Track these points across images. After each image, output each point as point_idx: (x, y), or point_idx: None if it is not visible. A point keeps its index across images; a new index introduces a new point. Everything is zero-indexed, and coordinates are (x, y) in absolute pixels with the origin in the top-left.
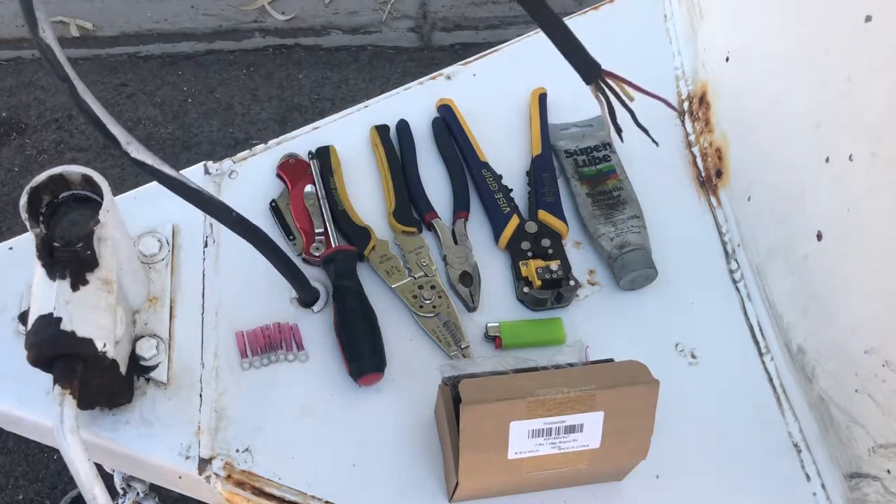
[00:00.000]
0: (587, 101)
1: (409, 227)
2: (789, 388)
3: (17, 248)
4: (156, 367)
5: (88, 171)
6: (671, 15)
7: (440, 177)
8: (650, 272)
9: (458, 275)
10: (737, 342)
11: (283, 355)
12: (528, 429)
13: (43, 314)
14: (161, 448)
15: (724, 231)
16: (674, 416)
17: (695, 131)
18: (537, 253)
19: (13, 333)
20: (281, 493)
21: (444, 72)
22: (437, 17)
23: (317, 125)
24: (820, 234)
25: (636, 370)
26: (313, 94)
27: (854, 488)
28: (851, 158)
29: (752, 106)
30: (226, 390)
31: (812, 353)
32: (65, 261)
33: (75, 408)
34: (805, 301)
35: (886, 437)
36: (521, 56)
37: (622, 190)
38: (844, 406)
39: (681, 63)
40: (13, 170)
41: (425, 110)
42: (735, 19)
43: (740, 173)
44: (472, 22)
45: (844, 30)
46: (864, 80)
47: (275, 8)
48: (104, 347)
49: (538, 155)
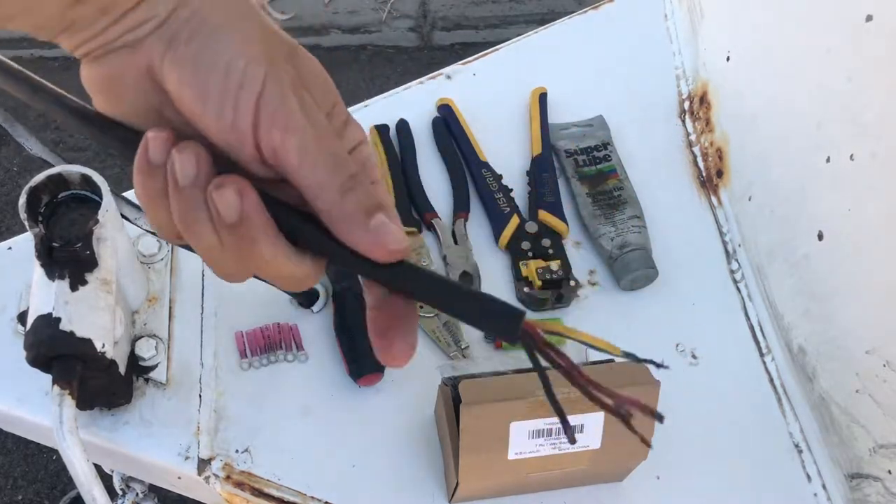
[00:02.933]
0: (588, 101)
1: (408, 227)
2: (790, 389)
3: (15, 248)
4: (155, 367)
5: (87, 170)
6: (671, 14)
7: (440, 177)
8: (651, 272)
9: (458, 275)
10: (737, 342)
11: (282, 356)
12: (528, 429)
13: (42, 314)
14: (160, 448)
15: (725, 231)
16: (674, 416)
17: (695, 131)
18: (537, 253)
19: (12, 333)
20: (280, 493)
21: (444, 71)
22: (437, 16)
23: None
24: (821, 233)
25: (636, 371)
26: None
27: (855, 489)
28: (852, 158)
29: (753, 105)
30: (225, 391)
31: (813, 354)
32: (64, 261)
33: (74, 408)
34: (806, 301)
35: (887, 438)
36: (522, 56)
37: (622, 190)
38: (845, 406)
39: (681, 62)
40: (12, 170)
41: (425, 110)
42: (736, 19)
43: (741, 173)
44: (473, 21)
45: (845, 29)
46: (865, 79)
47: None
48: (103, 348)
49: (538, 155)
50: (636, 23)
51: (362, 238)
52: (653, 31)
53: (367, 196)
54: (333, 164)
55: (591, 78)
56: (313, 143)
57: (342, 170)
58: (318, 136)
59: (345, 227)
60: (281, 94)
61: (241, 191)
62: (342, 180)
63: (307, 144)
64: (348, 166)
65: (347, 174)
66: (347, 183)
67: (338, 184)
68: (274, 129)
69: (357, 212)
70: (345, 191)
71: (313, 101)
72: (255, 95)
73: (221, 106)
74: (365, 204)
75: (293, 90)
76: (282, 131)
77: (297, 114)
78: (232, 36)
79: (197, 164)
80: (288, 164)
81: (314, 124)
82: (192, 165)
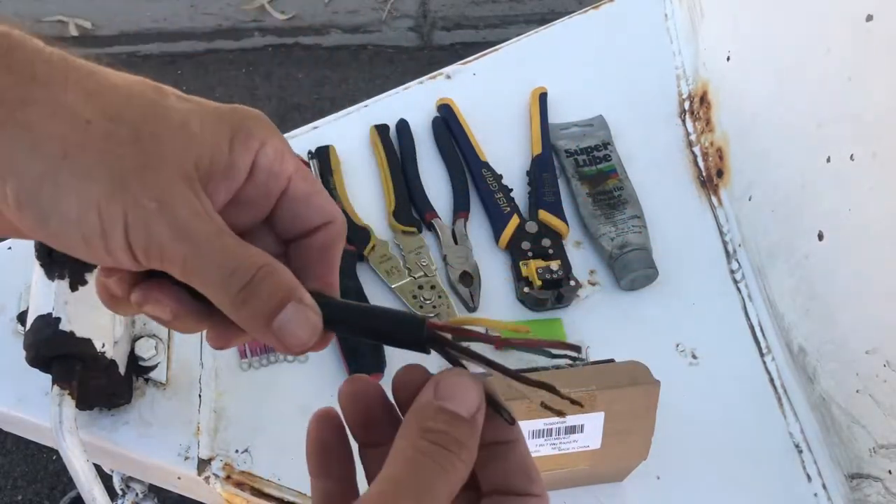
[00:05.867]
0: (588, 100)
1: (409, 226)
2: (790, 389)
3: (15, 248)
4: (155, 367)
5: None
6: (672, 14)
7: (440, 177)
8: (651, 272)
9: (458, 275)
10: (738, 342)
11: (282, 356)
12: (528, 429)
13: (42, 314)
14: (160, 449)
15: (725, 231)
16: (675, 416)
17: (695, 131)
18: (538, 253)
19: (12, 333)
20: (280, 493)
21: (444, 71)
22: (437, 16)
23: (316, 125)
24: (821, 233)
25: (637, 371)
26: (313, 94)
27: (855, 489)
28: (853, 158)
29: (753, 105)
30: (225, 391)
31: (813, 354)
32: (63, 261)
33: (74, 408)
34: (806, 301)
35: (888, 438)
36: (522, 55)
37: (623, 190)
38: (846, 406)
39: (681, 62)
40: None
41: (425, 110)
42: (736, 18)
43: (741, 173)
44: (473, 21)
45: (846, 29)
46: (866, 79)
47: (274, 7)
48: (103, 347)
49: (538, 154)
50: (636, 22)
51: (267, 340)
52: (653, 31)
53: (265, 300)
54: (221, 280)
55: (591, 78)
56: (194, 263)
57: (233, 283)
58: (198, 255)
59: (249, 332)
60: (146, 227)
61: (160, 300)
62: (233, 294)
63: (189, 267)
64: (240, 275)
65: (239, 285)
66: (240, 296)
67: (230, 299)
68: (152, 262)
69: (255, 320)
70: (239, 303)
71: (190, 198)
72: (123, 240)
73: (96, 257)
74: (263, 310)
75: (160, 212)
76: (160, 262)
77: (171, 242)
78: (65, 185)
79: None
80: (184, 282)
81: (192, 243)
82: (115, 285)
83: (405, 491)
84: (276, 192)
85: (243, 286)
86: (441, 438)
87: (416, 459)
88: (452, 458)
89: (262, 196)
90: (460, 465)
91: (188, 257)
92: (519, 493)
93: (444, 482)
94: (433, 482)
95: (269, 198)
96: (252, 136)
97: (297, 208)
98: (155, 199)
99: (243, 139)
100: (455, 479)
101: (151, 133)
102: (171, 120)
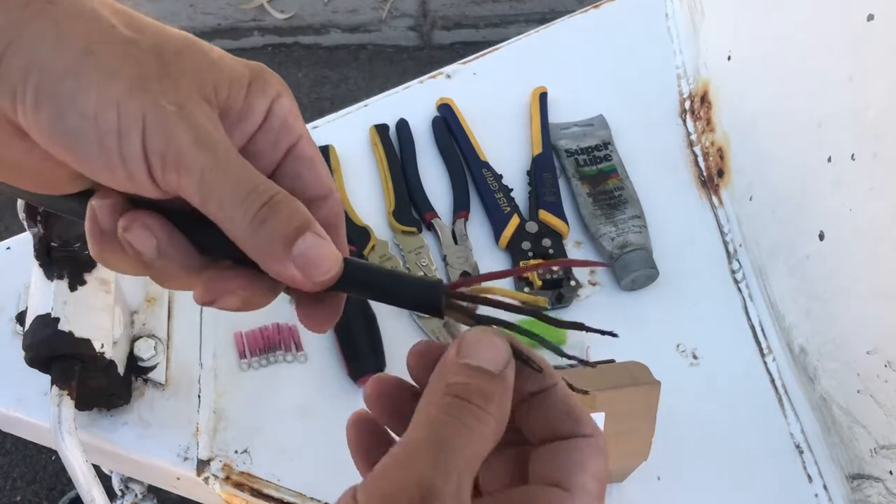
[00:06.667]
0: (588, 100)
1: (408, 226)
2: (791, 389)
3: (14, 248)
4: (154, 367)
5: None
6: (672, 13)
7: (440, 176)
8: (651, 272)
9: (458, 275)
10: (738, 343)
11: (281, 356)
12: None
13: (41, 314)
14: (159, 449)
15: (726, 231)
16: (675, 416)
17: (696, 131)
18: (538, 253)
19: (11, 334)
20: (280, 494)
21: (444, 71)
22: (437, 15)
23: (316, 124)
24: (822, 234)
25: (637, 371)
26: (312, 93)
27: (856, 489)
28: (853, 158)
29: (754, 105)
30: (224, 391)
31: (814, 354)
32: (63, 261)
33: (73, 409)
34: (807, 301)
35: (888, 438)
36: (522, 55)
37: (623, 189)
38: (846, 407)
39: (682, 62)
40: None
41: (425, 109)
42: (737, 18)
43: (742, 173)
44: (473, 20)
45: (846, 29)
46: (866, 79)
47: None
48: (102, 348)
49: (539, 154)
50: (637, 22)
51: (284, 271)
52: (653, 31)
53: (285, 222)
54: (240, 197)
55: (592, 77)
56: (213, 176)
57: (252, 200)
58: (217, 167)
59: (265, 261)
60: (165, 130)
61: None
62: (252, 213)
63: (206, 180)
64: (259, 193)
65: (259, 203)
66: (260, 214)
67: (248, 218)
68: (168, 173)
69: (274, 243)
70: (258, 223)
71: (209, 111)
72: (140, 143)
73: (109, 166)
74: (283, 232)
75: (180, 116)
76: (176, 172)
77: (190, 148)
78: (86, 79)
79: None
80: (194, 203)
81: (212, 152)
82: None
83: (419, 453)
84: (285, 147)
85: (263, 204)
86: (465, 391)
87: (437, 418)
88: (479, 413)
89: (271, 147)
90: (488, 419)
91: (206, 169)
92: (566, 436)
93: (467, 441)
94: (454, 441)
95: (277, 151)
96: (270, 85)
97: (301, 169)
98: (175, 102)
99: (262, 85)
100: (482, 437)
101: (174, 50)
102: (193, 44)
